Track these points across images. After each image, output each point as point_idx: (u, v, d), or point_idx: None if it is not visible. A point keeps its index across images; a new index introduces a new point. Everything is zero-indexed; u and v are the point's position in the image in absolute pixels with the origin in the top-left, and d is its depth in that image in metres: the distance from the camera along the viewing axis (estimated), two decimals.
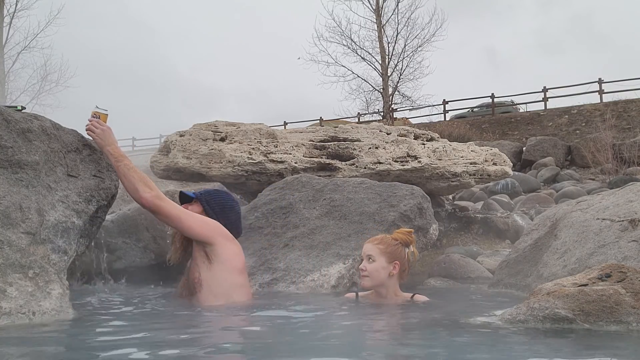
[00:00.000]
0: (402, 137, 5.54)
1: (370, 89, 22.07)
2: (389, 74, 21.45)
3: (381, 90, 21.48)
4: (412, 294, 2.66)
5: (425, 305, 2.59)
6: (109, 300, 3.02)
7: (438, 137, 6.01)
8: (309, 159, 5.12)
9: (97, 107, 2.83)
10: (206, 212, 2.91)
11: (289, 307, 2.54)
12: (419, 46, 21.43)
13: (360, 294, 2.69)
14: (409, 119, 22.99)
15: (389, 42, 21.50)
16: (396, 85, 21.61)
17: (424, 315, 2.33)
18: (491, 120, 20.53)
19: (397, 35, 21.43)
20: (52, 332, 1.92)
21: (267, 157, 4.98)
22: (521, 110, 21.84)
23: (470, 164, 5.51)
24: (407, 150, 5.27)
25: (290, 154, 5.09)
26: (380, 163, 5.11)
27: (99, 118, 2.84)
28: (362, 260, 2.62)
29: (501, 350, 1.43)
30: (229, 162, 4.91)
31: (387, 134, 5.59)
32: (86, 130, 2.75)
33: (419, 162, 5.18)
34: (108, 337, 1.84)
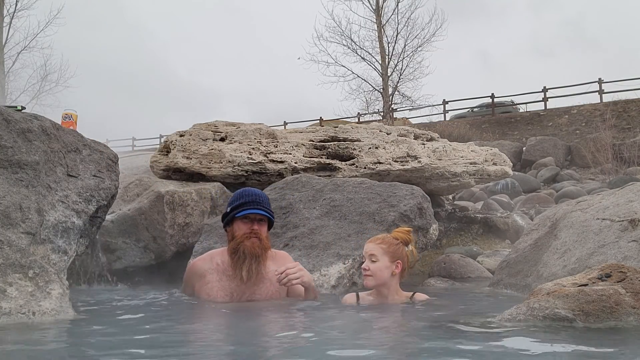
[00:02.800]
0: (402, 137, 5.54)
1: (370, 89, 22.08)
2: (389, 74, 21.43)
3: (381, 90, 21.47)
4: (412, 293, 2.67)
5: (425, 303, 2.59)
6: (109, 300, 3.02)
7: (438, 137, 6.01)
8: (309, 159, 5.12)
9: (65, 109, 2.83)
10: (270, 227, 2.83)
11: (290, 307, 2.54)
12: (419, 46, 21.44)
13: (360, 294, 2.69)
14: (409, 119, 22.98)
15: (389, 42, 21.51)
16: (396, 85, 21.59)
17: (423, 315, 2.33)
18: (491, 120, 20.53)
19: (397, 35, 21.43)
20: (52, 332, 1.92)
21: (267, 157, 4.98)
22: (521, 110, 21.83)
23: (470, 164, 5.51)
24: (407, 150, 5.27)
25: (290, 154, 5.09)
26: (380, 163, 5.11)
27: (72, 118, 2.84)
28: (363, 260, 2.62)
29: (501, 351, 1.43)
30: (229, 162, 4.91)
31: (387, 134, 5.59)
32: (285, 281, 2.52)
33: (419, 162, 5.18)
34: (108, 337, 1.84)
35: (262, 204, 2.67)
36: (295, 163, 5.00)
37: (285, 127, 19.34)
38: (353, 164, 5.14)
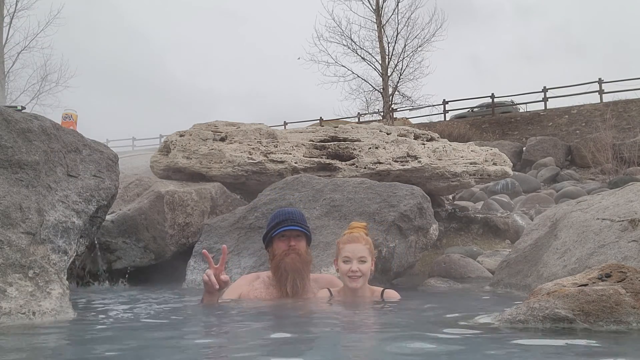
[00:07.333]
0: (402, 137, 5.54)
1: (370, 89, 22.05)
2: (389, 74, 21.41)
3: (381, 90, 21.45)
4: (382, 290, 2.65)
5: (423, 303, 2.59)
6: (109, 300, 3.02)
7: (438, 137, 6.01)
8: (309, 159, 5.12)
9: (65, 109, 2.83)
10: (308, 243, 2.83)
11: (289, 308, 2.54)
12: (419, 46, 21.41)
13: (332, 290, 2.67)
14: (409, 119, 22.95)
15: (389, 42, 21.47)
16: (396, 85, 21.55)
17: (423, 315, 2.33)
18: (491, 120, 20.52)
19: (397, 35, 21.39)
20: (52, 332, 1.92)
21: (267, 157, 4.98)
22: (521, 110, 21.82)
23: (470, 164, 5.51)
24: (407, 150, 5.27)
25: (290, 154, 5.09)
26: (380, 163, 5.11)
27: (72, 118, 2.84)
28: (345, 261, 2.53)
29: (501, 351, 1.43)
30: (229, 162, 4.91)
31: (387, 134, 5.58)
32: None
33: (419, 162, 5.18)
34: (108, 337, 1.84)
35: (296, 221, 2.74)
36: (296, 163, 5.00)
37: (285, 127, 19.34)
38: (353, 164, 5.14)
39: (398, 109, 22.09)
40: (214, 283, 2.35)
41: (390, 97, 21.30)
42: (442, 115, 22.70)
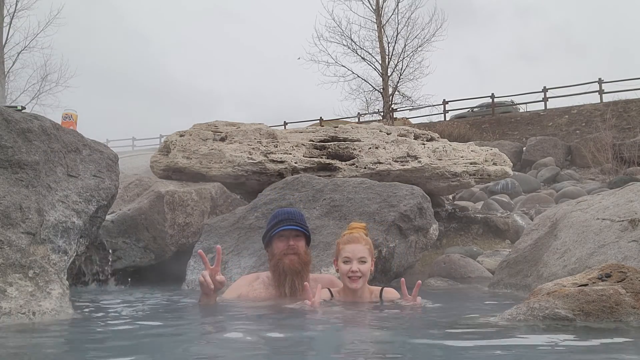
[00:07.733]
0: (402, 137, 5.54)
1: (370, 89, 22.07)
2: (389, 74, 21.42)
3: (381, 90, 21.45)
4: (380, 289, 2.66)
5: (424, 304, 2.59)
6: (109, 300, 3.02)
7: (438, 137, 6.01)
8: (309, 159, 5.11)
9: (65, 109, 2.84)
10: (307, 243, 2.82)
11: (288, 308, 2.54)
12: (419, 46, 21.42)
13: (332, 290, 2.66)
14: (409, 119, 22.95)
15: (389, 42, 21.48)
16: (396, 85, 21.56)
17: (423, 315, 2.33)
18: (491, 120, 20.51)
19: (397, 35, 21.42)
20: (52, 332, 1.92)
21: (267, 157, 4.98)
22: (521, 110, 21.82)
23: (470, 164, 5.51)
24: (407, 150, 5.27)
25: (290, 154, 5.09)
26: (380, 163, 5.11)
27: (72, 118, 2.84)
28: (345, 261, 2.53)
29: (501, 350, 1.43)
30: (229, 162, 4.91)
31: (387, 134, 5.58)
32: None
33: (419, 162, 5.18)
34: (108, 337, 1.84)
35: (295, 220, 2.73)
36: (296, 163, 5.00)
37: (285, 127, 19.33)
38: (353, 164, 5.14)
39: (398, 109, 22.10)
40: (209, 284, 2.36)
41: (390, 97, 21.30)
42: (442, 115, 22.70)
